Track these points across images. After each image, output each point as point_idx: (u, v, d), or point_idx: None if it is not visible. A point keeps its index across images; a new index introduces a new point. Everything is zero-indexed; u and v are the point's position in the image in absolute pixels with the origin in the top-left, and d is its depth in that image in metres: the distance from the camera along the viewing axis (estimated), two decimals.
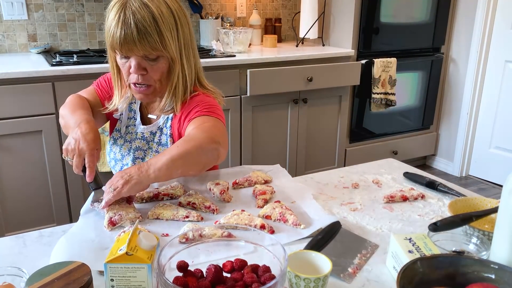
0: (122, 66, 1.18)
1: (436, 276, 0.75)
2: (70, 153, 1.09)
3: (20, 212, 2.15)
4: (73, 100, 1.28)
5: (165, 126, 1.30)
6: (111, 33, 1.11)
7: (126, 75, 1.18)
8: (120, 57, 1.16)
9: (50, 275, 0.69)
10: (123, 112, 1.33)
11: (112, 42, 1.12)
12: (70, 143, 1.09)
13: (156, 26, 1.11)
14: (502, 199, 0.80)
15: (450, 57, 3.35)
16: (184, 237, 0.88)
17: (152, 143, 1.31)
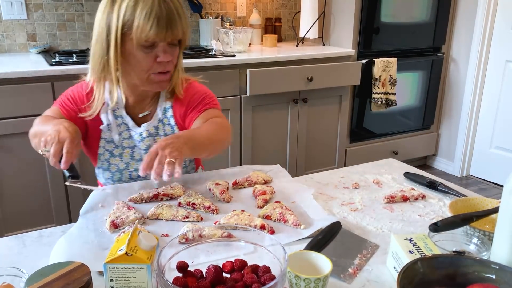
0: (143, 58, 1.13)
1: (437, 277, 0.75)
2: (48, 143, 1.03)
3: (19, 212, 2.15)
4: (42, 118, 1.22)
5: (165, 117, 1.28)
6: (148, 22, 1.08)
7: (147, 66, 1.15)
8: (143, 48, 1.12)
9: (49, 275, 0.69)
10: (110, 123, 1.26)
11: (147, 32, 1.08)
12: (50, 134, 1.04)
13: (182, 10, 1.15)
14: (502, 199, 0.80)
15: (450, 57, 3.35)
16: (184, 238, 0.88)
17: (157, 137, 1.29)
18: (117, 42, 1.12)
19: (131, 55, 1.14)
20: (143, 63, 1.14)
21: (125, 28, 1.11)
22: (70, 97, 1.25)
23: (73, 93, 1.26)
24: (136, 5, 1.09)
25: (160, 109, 1.28)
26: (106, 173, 1.31)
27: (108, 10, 1.12)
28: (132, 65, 1.16)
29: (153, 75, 1.17)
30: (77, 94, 1.25)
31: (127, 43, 1.13)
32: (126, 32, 1.11)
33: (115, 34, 1.11)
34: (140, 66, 1.15)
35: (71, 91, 1.27)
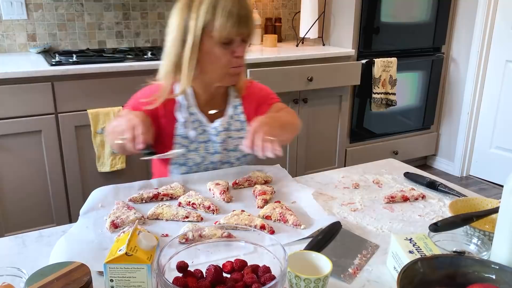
0: (223, 54, 1.22)
1: (437, 277, 0.75)
2: (124, 132, 1.10)
3: (19, 212, 2.15)
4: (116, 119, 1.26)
5: (236, 113, 1.37)
6: (229, 20, 1.17)
7: (226, 61, 1.23)
8: (222, 45, 1.21)
9: (49, 275, 0.69)
10: (185, 120, 1.32)
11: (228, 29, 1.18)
12: (122, 124, 1.12)
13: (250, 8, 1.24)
14: (502, 199, 0.80)
15: (450, 57, 3.35)
16: (184, 238, 0.88)
17: (228, 132, 1.36)
18: (195, 41, 1.20)
19: (209, 53, 1.22)
20: (223, 59, 1.23)
21: (206, 28, 1.19)
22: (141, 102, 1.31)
23: (143, 97, 1.32)
24: (216, 5, 1.17)
25: (230, 106, 1.37)
26: (183, 168, 1.34)
27: (185, 12, 1.20)
28: (211, 62, 1.24)
29: (231, 69, 1.26)
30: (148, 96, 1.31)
31: (206, 41, 1.21)
32: (205, 31, 1.19)
33: (194, 34, 1.19)
34: (219, 62, 1.24)
35: (140, 95, 1.34)
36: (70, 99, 2.12)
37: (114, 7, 2.70)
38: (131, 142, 1.10)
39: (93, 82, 2.15)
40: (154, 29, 2.84)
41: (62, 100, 2.11)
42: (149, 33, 2.84)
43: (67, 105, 2.12)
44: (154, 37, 2.86)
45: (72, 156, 2.18)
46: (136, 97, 1.35)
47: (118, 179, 2.28)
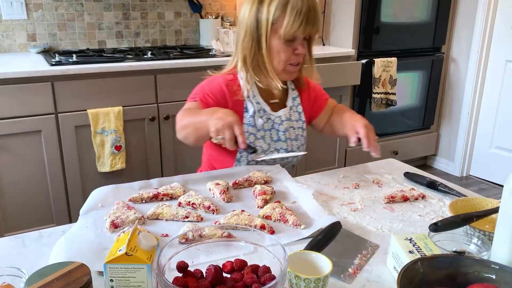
0: (284, 50, 1.29)
1: (437, 277, 0.75)
2: (221, 130, 1.15)
3: (19, 212, 2.15)
4: (187, 111, 1.32)
5: (294, 105, 1.45)
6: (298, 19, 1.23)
7: (286, 57, 1.31)
8: (285, 41, 1.28)
9: (49, 275, 0.69)
10: (254, 108, 1.38)
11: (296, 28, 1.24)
12: (217, 123, 1.15)
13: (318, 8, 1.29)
14: (502, 199, 0.80)
15: (450, 57, 3.35)
16: (184, 238, 0.87)
17: (289, 122, 1.44)
18: (266, 36, 1.28)
19: (273, 48, 1.30)
20: (283, 55, 1.30)
21: (274, 24, 1.26)
22: (210, 91, 1.36)
23: (210, 89, 1.36)
24: (287, 4, 1.24)
25: (290, 98, 1.45)
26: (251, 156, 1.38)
27: (256, 6, 1.28)
28: (273, 56, 1.32)
29: (289, 65, 1.33)
30: (217, 88, 1.35)
31: (272, 37, 1.29)
32: (273, 26, 1.27)
33: (266, 29, 1.28)
34: (280, 57, 1.31)
35: (207, 87, 1.37)
36: (70, 99, 2.12)
37: (114, 7, 2.70)
38: (231, 141, 1.15)
39: (93, 82, 2.15)
40: (154, 29, 2.84)
41: (62, 100, 2.11)
42: (149, 33, 2.84)
43: (67, 105, 2.12)
44: (154, 37, 2.86)
45: (72, 156, 2.18)
46: (202, 89, 1.38)
47: (118, 179, 2.28)
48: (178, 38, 2.93)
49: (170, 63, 2.31)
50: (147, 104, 2.30)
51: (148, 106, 2.30)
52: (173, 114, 2.37)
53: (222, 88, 1.35)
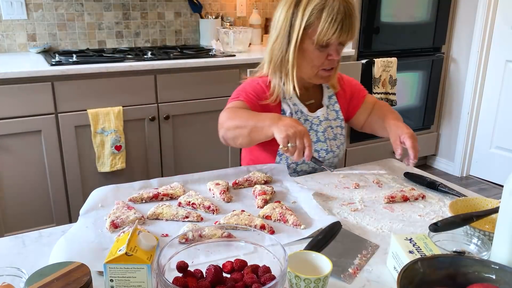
0: (316, 56, 1.28)
1: (437, 277, 0.75)
2: (292, 138, 1.13)
3: (19, 212, 2.15)
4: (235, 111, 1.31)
5: (330, 103, 1.45)
6: (333, 26, 1.22)
7: (319, 63, 1.30)
8: (319, 47, 1.26)
9: (49, 275, 0.69)
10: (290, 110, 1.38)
11: (330, 35, 1.23)
12: (288, 130, 1.13)
13: (357, 15, 1.28)
14: (502, 199, 0.80)
15: (450, 57, 3.35)
16: (184, 238, 0.87)
17: (327, 121, 1.43)
18: (297, 40, 1.27)
19: (306, 52, 1.29)
20: (316, 60, 1.29)
21: (308, 29, 1.25)
22: (253, 91, 1.37)
23: (254, 90, 1.37)
24: (323, 9, 1.22)
25: (325, 97, 1.45)
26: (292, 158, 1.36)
27: (292, 9, 1.27)
28: (306, 61, 1.31)
29: (321, 71, 1.32)
30: (258, 91, 1.37)
31: (306, 41, 1.27)
32: (307, 31, 1.26)
33: (297, 33, 1.26)
34: (312, 62, 1.30)
35: (250, 89, 1.37)
36: (70, 99, 2.12)
37: (114, 7, 2.70)
38: (301, 152, 1.13)
39: (93, 82, 2.15)
40: (154, 29, 2.84)
41: (62, 100, 2.11)
42: (149, 33, 2.84)
43: (67, 105, 2.12)
44: (154, 37, 2.86)
45: (72, 156, 2.18)
46: (244, 89, 1.38)
47: (118, 179, 2.28)
48: (178, 38, 2.93)
49: (170, 63, 2.31)
50: (147, 104, 2.30)
51: (148, 106, 2.30)
52: (173, 114, 2.37)
53: (263, 88, 1.37)
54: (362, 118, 1.50)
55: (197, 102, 2.42)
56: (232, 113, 1.29)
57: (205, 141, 2.52)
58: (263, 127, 1.19)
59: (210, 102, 2.45)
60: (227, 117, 1.29)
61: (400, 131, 1.26)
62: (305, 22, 1.24)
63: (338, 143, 1.45)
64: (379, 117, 1.43)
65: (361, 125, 1.51)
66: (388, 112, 1.42)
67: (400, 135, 1.25)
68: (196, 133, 2.48)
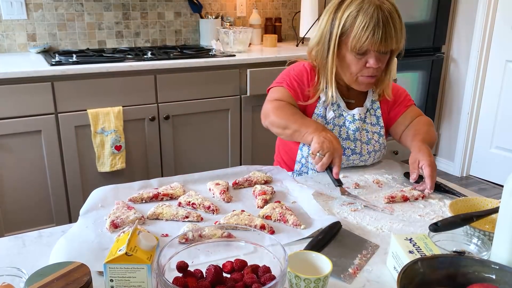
0: (354, 63, 1.28)
1: (437, 277, 0.75)
2: (324, 150, 1.19)
3: (19, 212, 2.15)
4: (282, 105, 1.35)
5: (372, 108, 1.43)
6: (365, 33, 1.21)
7: (357, 70, 1.29)
8: (355, 54, 1.26)
9: (49, 275, 0.69)
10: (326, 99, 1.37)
11: (362, 42, 1.22)
12: (324, 141, 1.19)
13: (400, 22, 1.27)
14: (502, 199, 0.80)
15: (450, 57, 3.35)
16: (184, 238, 0.87)
17: (364, 124, 1.41)
18: (335, 47, 1.28)
19: (344, 58, 1.29)
20: (353, 67, 1.29)
21: (343, 35, 1.26)
22: (295, 80, 1.39)
23: (297, 75, 1.40)
24: (357, 16, 1.22)
25: (368, 100, 1.42)
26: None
27: (332, 16, 1.28)
28: (343, 67, 1.31)
29: (361, 77, 1.31)
30: (301, 76, 1.39)
31: (343, 47, 1.28)
32: (343, 38, 1.26)
33: (335, 40, 1.27)
34: (350, 69, 1.30)
35: (293, 71, 1.41)
36: (70, 99, 2.12)
37: (114, 7, 2.70)
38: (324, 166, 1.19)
39: (93, 82, 2.15)
40: (154, 29, 2.84)
41: (62, 100, 2.11)
42: (149, 33, 2.84)
43: (67, 105, 2.12)
44: (154, 37, 2.86)
45: (72, 156, 2.18)
46: (288, 74, 1.41)
47: (118, 179, 2.28)
48: (178, 38, 2.93)
49: (170, 63, 2.31)
50: (147, 104, 2.30)
51: (148, 106, 2.30)
52: (173, 114, 2.37)
53: (306, 70, 1.39)
54: (399, 130, 1.43)
55: (197, 102, 2.42)
56: (278, 109, 1.34)
57: (205, 141, 2.52)
58: (306, 133, 1.26)
59: (210, 102, 2.45)
60: (273, 111, 1.34)
61: (420, 156, 1.22)
62: (341, 29, 1.25)
63: (370, 149, 1.40)
64: (410, 133, 1.37)
65: (398, 136, 1.45)
66: (422, 130, 1.35)
67: (420, 160, 1.21)
68: (196, 133, 2.48)
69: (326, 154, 1.18)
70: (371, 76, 1.30)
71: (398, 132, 1.44)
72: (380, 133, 1.42)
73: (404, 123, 1.42)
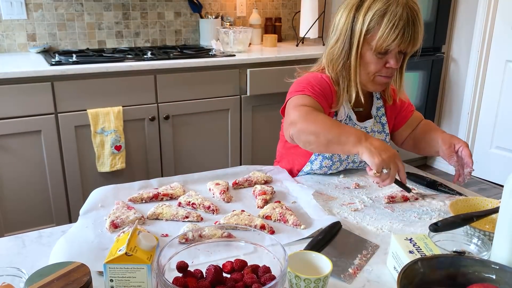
0: (374, 62, 1.24)
1: (437, 277, 0.75)
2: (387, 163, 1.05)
3: (19, 212, 2.15)
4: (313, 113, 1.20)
5: (377, 115, 1.40)
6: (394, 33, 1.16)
7: (376, 69, 1.25)
8: (377, 53, 1.22)
9: (49, 275, 0.69)
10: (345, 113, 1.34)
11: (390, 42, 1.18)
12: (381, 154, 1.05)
13: (422, 20, 1.22)
14: (503, 199, 0.80)
15: (450, 57, 3.35)
16: (184, 238, 0.87)
17: (373, 133, 1.39)
18: (359, 45, 1.23)
19: (363, 58, 1.25)
20: (373, 66, 1.25)
21: (368, 33, 1.21)
22: (318, 87, 1.28)
23: (319, 84, 1.29)
24: (384, 15, 1.17)
25: (374, 108, 1.40)
26: (326, 161, 1.33)
27: (354, 12, 1.23)
28: (362, 66, 1.26)
29: (378, 77, 1.27)
30: (324, 85, 1.30)
31: (364, 46, 1.23)
32: (366, 37, 1.21)
33: (358, 38, 1.22)
34: (368, 68, 1.25)
35: (316, 82, 1.29)
36: (70, 99, 2.12)
37: (114, 7, 2.70)
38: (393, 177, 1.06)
39: (93, 82, 2.15)
40: (154, 29, 2.84)
41: (62, 100, 2.11)
42: (149, 33, 2.83)
43: (67, 105, 2.12)
44: (154, 37, 2.86)
45: (72, 156, 2.18)
46: (310, 83, 1.29)
47: (118, 179, 2.28)
48: (178, 38, 2.93)
49: (170, 63, 2.30)
50: (147, 104, 2.30)
51: (148, 106, 2.30)
52: (173, 114, 2.37)
53: (329, 84, 1.30)
54: (405, 134, 1.45)
55: (197, 102, 2.42)
56: (309, 115, 1.18)
57: (205, 141, 2.52)
58: (347, 143, 1.10)
59: (210, 102, 2.45)
60: (303, 118, 1.18)
61: (455, 141, 1.24)
62: (366, 27, 1.20)
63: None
64: (425, 131, 1.38)
65: (402, 140, 1.46)
66: (437, 129, 1.37)
67: (456, 144, 1.23)
68: (196, 133, 2.48)
69: (391, 165, 1.05)
70: (389, 77, 1.28)
71: (403, 136, 1.46)
72: (386, 139, 1.41)
73: (409, 127, 1.44)
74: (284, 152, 1.47)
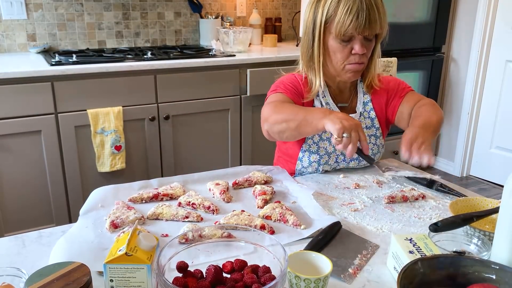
0: (340, 50, 1.27)
1: (437, 277, 0.75)
2: (348, 129, 1.06)
3: (19, 212, 2.15)
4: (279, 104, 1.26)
5: (365, 110, 1.40)
6: (348, 17, 1.20)
7: (343, 57, 1.28)
8: (340, 41, 1.25)
9: (49, 275, 0.69)
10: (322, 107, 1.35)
11: (346, 26, 1.21)
12: (342, 121, 1.07)
13: (382, 6, 1.25)
14: (503, 199, 0.80)
15: (450, 57, 3.35)
16: (183, 238, 0.87)
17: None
18: (320, 35, 1.27)
19: (330, 47, 1.28)
20: (339, 54, 1.28)
21: (328, 22, 1.25)
22: (290, 85, 1.35)
23: (291, 82, 1.36)
24: (340, 1, 1.22)
25: (360, 103, 1.40)
26: (314, 156, 1.36)
27: (315, 6, 1.28)
28: (330, 56, 1.30)
29: (348, 65, 1.29)
30: (295, 83, 1.36)
31: (328, 36, 1.28)
32: (327, 26, 1.26)
33: (319, 28, 1.27)
34: (337, 57, 1.29)
35: (288, 81, 1.37)
36: (70, 99, 2.12)
37: (114, 7, 2.70)
38: (355, 145, 1.06)
39: (93, 82, 2.15)
40: (154, 29, 2.84)
41: (62, 100, 2.11)
42: (149, 33, 2.84)
43: (67, 105, 2.12)
44: (154, 37, 2.86)
45: (72, 156, 2.18)
46: (282, 83, 1.37)
47: (118, 179, 2.28)
48: (178, 38, 2.93)
49: (170, 63, 2.31)
50: (147, 104, 2.30)
51: (148, 106, 2.30)
52: (173, 114, 2.37)
53: (299, 83, 1.36)
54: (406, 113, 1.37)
55: (197, 102, 2.42)
56: (277, 107, 1.26)
57: (205, 141, 2.52)
58: (313, 120, 1.13)
59: (210, 102, 2.45)
60: (272, 111, 1.25)
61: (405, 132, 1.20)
62: (325, 17, 1.25)
63: (369, 152, 1.33)
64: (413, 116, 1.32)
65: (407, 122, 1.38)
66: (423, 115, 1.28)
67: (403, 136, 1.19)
68: (196, 133, 2.48)
69: (352, 133, 1.06)
70: (358, 64, 1.29)
71: (405, 116, 1.38)
72: (376, 134, 1.40)
73: (406, 111, 1.36)
74: (277, 157, 1.51)
